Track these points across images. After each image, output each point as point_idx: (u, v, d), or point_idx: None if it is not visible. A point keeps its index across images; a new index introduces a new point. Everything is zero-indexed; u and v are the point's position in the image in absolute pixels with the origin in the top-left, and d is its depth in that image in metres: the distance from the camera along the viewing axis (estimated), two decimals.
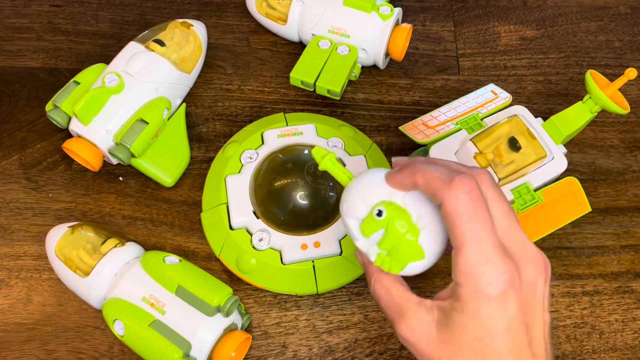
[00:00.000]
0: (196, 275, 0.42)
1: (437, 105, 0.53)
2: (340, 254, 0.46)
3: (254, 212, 0.47)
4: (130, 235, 0.49)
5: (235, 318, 0.43)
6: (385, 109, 0.57)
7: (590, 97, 0.45)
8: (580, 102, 0.46)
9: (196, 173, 0.52)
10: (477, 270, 0.29)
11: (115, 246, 0.44)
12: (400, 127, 0.51)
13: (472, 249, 0.29)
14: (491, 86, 0.52)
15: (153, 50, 0.51)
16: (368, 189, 0.33)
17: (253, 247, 0.46)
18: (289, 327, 0.46)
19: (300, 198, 0.47)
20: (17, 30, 0.60)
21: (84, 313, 0.46)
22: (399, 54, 0.56)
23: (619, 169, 0.55)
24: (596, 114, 0.46)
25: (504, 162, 0.44)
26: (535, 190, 0.46)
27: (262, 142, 0.51)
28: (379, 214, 0.32)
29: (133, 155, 0.49)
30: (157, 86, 0.50)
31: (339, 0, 0.55)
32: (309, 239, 0.46)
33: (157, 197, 0.51)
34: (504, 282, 0.29)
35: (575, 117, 0.46)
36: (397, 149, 0.54)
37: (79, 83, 0.50)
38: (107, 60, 0.52)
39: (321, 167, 0.35)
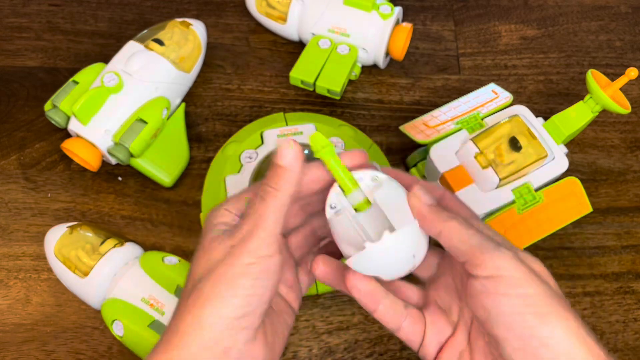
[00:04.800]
0: None
1: (437, 105, 0.53)
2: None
3: None
4: (129, 236, 0.49)
5: None
6: (385, 108, 0.57)
7: (591, 97, 0.45)
8: (581, 101, 0.46)
9: (195, 173, 0.52)
10: None
11: (114, 246, 0.44)
12: (400, 127, 0.51)
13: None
14: (492, 86, 0.52)
15: (152, 50, 0.51)
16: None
17: None
18: None
19: None
20: (15, 30, 0.60)
21: (83, 313, 0.46)
22: (399, 53, 0.56)
23: (620, 169, 0.54)
24: (597, 113, 0.46)
25: (504, 162, 0.44)
26: (536, 190, 0.45)
27: (262, 142, 0.51)
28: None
29: (132, 155, 0.49)
30: (156, 85, 0.50)
31: None
32: None
33: (156, 197, 0.51)
34: None
35: (576, 116, 0.46)
36: (398, 149, 0.54)
37: (77, 82, 0.49)
38: (106, 59, 0.51)
39: (317, 156, 0.32)
